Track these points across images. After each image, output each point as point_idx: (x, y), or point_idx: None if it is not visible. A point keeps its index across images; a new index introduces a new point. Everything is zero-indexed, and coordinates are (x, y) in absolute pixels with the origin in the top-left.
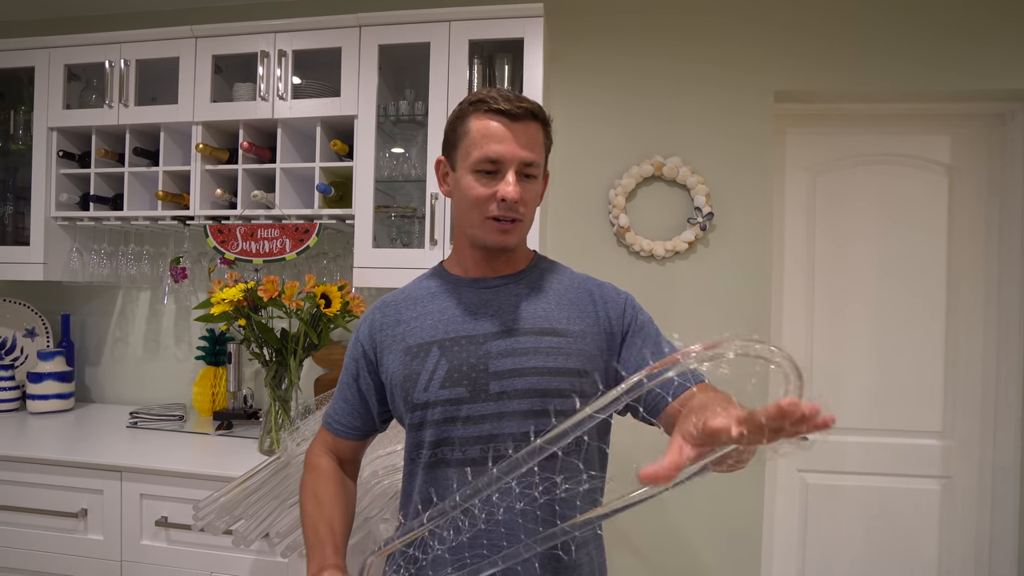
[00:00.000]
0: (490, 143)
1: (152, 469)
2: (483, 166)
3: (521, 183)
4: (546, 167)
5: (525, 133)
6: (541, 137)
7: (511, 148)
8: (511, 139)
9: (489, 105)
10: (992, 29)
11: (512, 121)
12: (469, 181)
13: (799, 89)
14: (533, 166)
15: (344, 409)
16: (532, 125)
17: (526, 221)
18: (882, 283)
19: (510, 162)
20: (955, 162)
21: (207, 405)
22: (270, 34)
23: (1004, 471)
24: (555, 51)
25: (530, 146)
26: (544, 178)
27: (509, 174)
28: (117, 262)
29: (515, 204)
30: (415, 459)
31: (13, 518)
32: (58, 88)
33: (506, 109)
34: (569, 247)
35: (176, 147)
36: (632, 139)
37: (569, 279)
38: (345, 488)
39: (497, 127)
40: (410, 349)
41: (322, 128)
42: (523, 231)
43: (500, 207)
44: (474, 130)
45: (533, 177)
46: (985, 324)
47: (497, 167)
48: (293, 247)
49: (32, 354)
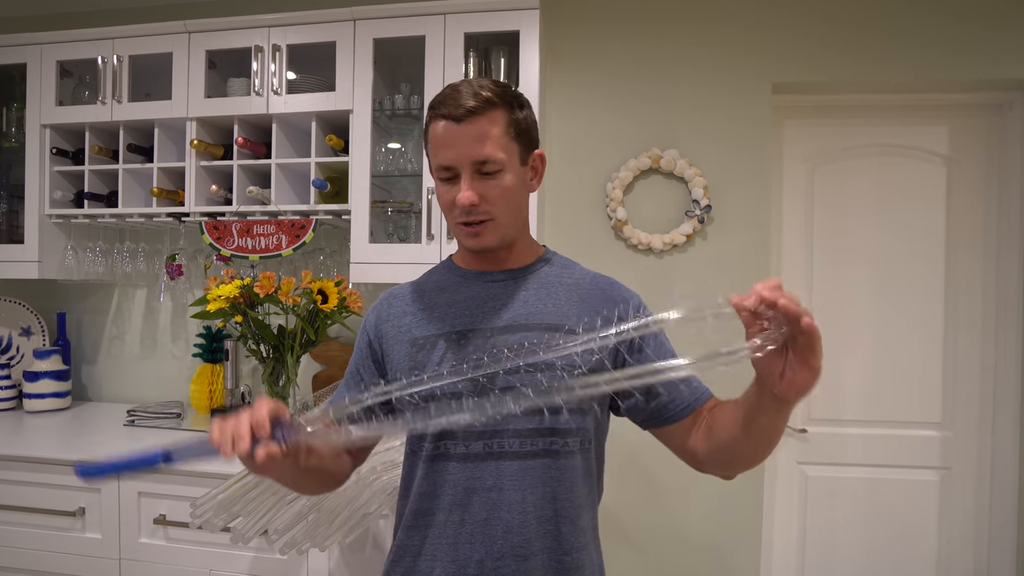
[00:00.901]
0: (440, 150)
1: None
2: (441, 174)
3: (481, 182)
4: (529, 151)
5: (473, 131)
6: (500, 125)
7: (458, 152)
8: (457, 142)
9: (437, 110)
10: (990, 18)
11: (457, 123)
12: (438, 188)
13: (797, 80)
14: (488, 163)
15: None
16: (481, 120)
17: (499, 219)
18: (880, 275)
19: (461, 166)
20: (953, 152)
21: (205, 402)
22: (264, 28)
23: (1003, 462)
24: (551, 43)
25: (480, 143)
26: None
27: (463, 179)
28: (112, 259)
29: (473, 208)
30: (416, 452)
31: (11, 517)
32: (51, 85)
33: (449, 112)
34: (567, 241)
35: (170, 143)
36: (629, 132)
37: (580, 276)
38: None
39: (444, 132)
40: (416, 341)
41: (317, 123)
42: (499, 229)
43: (460, 212)
44: (431, 137)
45: (493, 173)
46: (984, 314)
47: (452, 172)
48: (289, 243)
49: (28, 353)
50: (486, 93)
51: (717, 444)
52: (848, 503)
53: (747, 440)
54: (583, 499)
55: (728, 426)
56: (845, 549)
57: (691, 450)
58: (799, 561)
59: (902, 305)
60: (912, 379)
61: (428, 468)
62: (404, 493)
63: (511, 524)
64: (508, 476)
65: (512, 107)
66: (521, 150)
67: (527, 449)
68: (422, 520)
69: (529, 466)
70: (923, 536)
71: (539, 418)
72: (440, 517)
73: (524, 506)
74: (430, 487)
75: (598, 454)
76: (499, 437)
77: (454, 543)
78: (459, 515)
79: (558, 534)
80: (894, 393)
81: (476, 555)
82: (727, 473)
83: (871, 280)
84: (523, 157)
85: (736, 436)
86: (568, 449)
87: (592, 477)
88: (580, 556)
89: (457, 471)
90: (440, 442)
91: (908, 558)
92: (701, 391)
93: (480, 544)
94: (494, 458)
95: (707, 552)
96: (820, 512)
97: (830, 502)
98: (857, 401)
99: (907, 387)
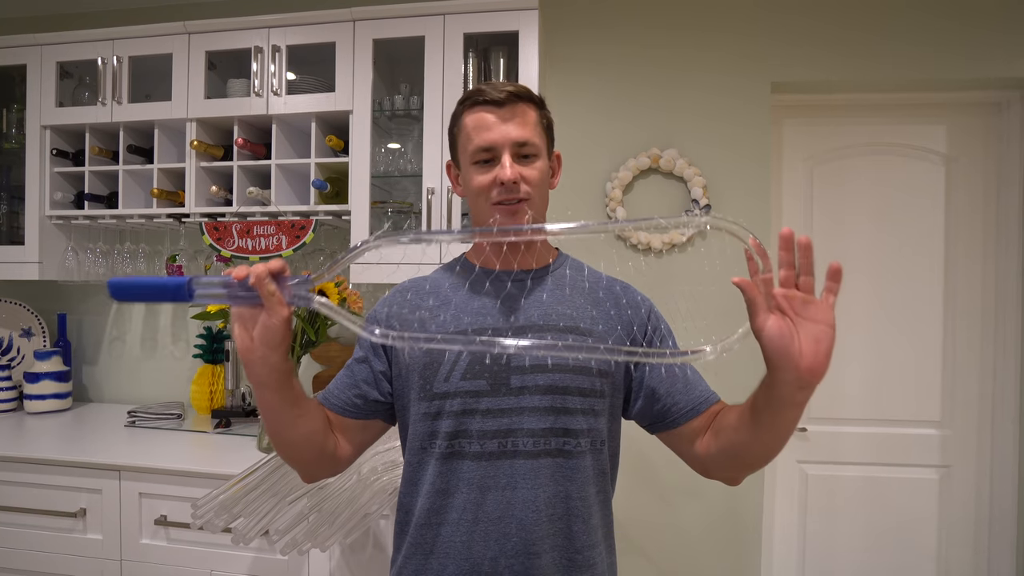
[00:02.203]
0: (481, 133)
1: (151, 468)
2: (480, 156)
3: (519, 164)
4: (552, 149)
5: (514, 115)
6: (534, 117)
7: (501, 132)
8: (500, 124)
9: (475, 99)
10: (988, 17)
11: (499, 107)
12: (471, 174)
13: (795, 80)
14: (527, 145)
15: (345, 383)
16: (520, 106)
17: (534, 200)
18: (880, 273)
19: (502, 146)
20: (952, 151)
21: (205, 403)
22: (263, 29)
23: (1002, 459)
24: (550, 43)
25: (521, 126)
26: (557, 160)
27: (504, 157)
28: (113, 260)
29: (514, 185)
30: (427, 448)
31: (12, 519)
32: (51, 86)
33: (491, 98)
34: (566, 241)
35: (170, 144)
36: (629, 131)
37: (594, 279)
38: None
39: (486, 116)
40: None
41: (317, 124)
42: (534, 212)
43: (500, 191)
44: (467, 125)
45: (531, 157)
46: (983, 313)
47: (492, 154)
48: (289, 244)
49: (29, 354)
50: (516, 88)
51: (725, 445)
52: (848, 502)
53: (757, 439)
54: (594, 498)
55: (738, 426)
56: (845, 548)
57: (698, 454)
58: (799, 560)
59: (901, 303)
60: (911, 377)
61: (442, 466)
62: (411, 490)
63: (524, 522)
64: (521, 475)
65: (539, 104)
66: (548, 144)
67: (540, 448)
68: (435, 518)
69: (542, 465)
70: (923, 534)
71: (552, 418)
72: (454, 515)
73: (537, 504)
74: (444, 485)
75: (611, 455)
76: (513, 436)
77: (468, 541)
78: (473, 513)
79: (569, 532)
80: (893, 392)
81: (490, 552)
82: (734, 476)
83: (870, 278)
84: (549, 151)
85: (746, 436)
86: (580, 449)
87: (605, 477)
88: (591, 554)
89: (472, 469)
90: (455, 440)
91: (908, 556)
92: (708, 394)
93: (494, 542)
94: (508, 457)
95: (707, 552)
96: (820, 511)
97: (830, 501)
98: (857, 400)
99: (906, 386)
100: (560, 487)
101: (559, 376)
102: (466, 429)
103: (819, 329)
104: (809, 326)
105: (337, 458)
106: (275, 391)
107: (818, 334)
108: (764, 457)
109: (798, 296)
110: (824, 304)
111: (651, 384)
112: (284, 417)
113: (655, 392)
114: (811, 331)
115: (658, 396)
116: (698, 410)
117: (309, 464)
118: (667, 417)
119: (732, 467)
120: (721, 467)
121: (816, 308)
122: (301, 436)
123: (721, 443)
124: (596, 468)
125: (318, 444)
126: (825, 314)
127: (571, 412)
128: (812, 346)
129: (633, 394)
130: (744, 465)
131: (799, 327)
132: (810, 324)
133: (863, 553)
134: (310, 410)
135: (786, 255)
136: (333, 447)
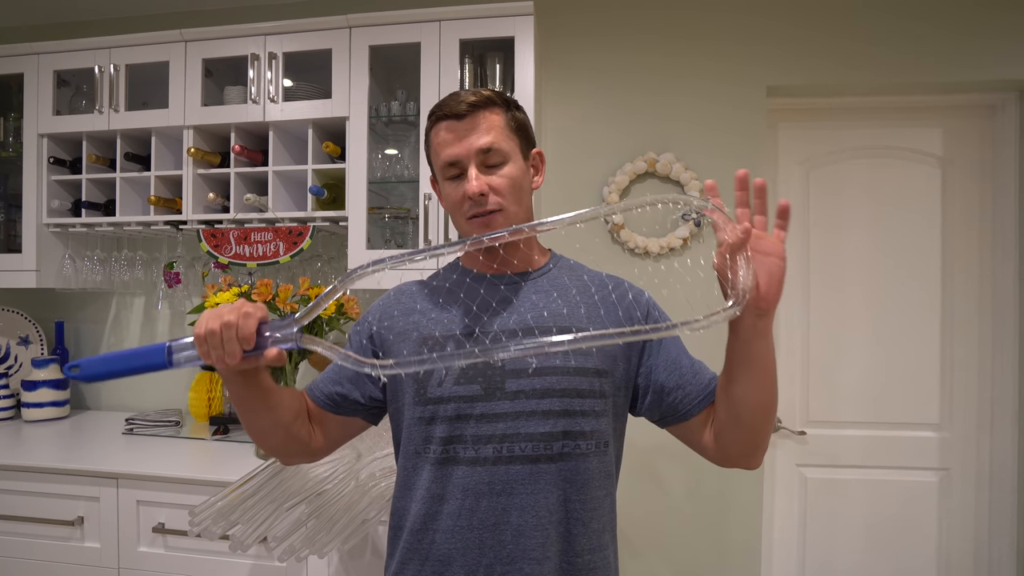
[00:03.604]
0: (445, 148)
1: (148, 475)
2: (449, 172)
3: (487, 173)
4: (528, 148)
5: (475, 125)
6: (499, 121)
7: (464, 146)
8: (463, 137)
9: (438, 113)
10: (981, 20)
11: (459, 120)
12: (445, 189)
13: (791, 83)
14: (492, 152)
15: (330, 378)
16: (482, 114)
17: (508, 208)
18: (877, 276)
19: (467, 158)
20: (947, 154)
21: (203, 410)
22: (260, 37)
23: (1001, 462)
24: (546, 49)
25: (484, 133)
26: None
27: (470, 170)
28: (110, 268)
29: (482, 197)
30: (421, 453)
31: (9, 527)
32: (48, 94)
33: (452, 111)
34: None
35: (168, 152)
36: (625, 136)
37: (589, 277)
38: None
39: (448, 132)
40: (425, 341)
41: (314, 130)
42: (509, 219)
43: (471, 205)
44: (433, 141)
45: (498, 164)
46: (981, 315)
47: (460, 168)
48: (287, 250)
49: (26, 362)
50: (485, 92)
51: (724, 412)
52: (847, 505)
53: (746, 386)
54: (597, 501)
55: (725, 384)
56: (845, 550)
57: (710, 439)
58: (799, 562)
59: (899, 306)
60: (910, 380)
61: (436, 471)
62: (405, 495)
63: (521, 528)
64: (519, 480)
65: (508, 106)
66: (522, 144)
67: (540, 453)
68: (430, 524)
69: (541, 470)
70: (922, 537)
71: (551, 421)
72: (448, 522)
73: (536, 510)
74: (439, 490)
75: (616, 455)
76: (509, 441)
77: (463, 548)
78: (467, 520)
79: (569, 536)
80: (892, 394)
81: (485, 560)
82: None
83: (867, 281)
84: (524, 152)
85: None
86: (582, 452)
87: (610, 479)
88: (593, 558)
89: (466, 475)
90: (449, 445)
91: (907, 559)
92: (712, 376)
93: (490, 549)
94: (504, 462)
95: (707, 553)
96: (819, 514)
97: (829, 504)
98: (855, 403)
99: (905, 388)
100: (560, 491)
101: (556, 379)
102: (461, 434)
103: (770, 261)
104: (761, 258)
105: (311, 449)
106: (242, 385)
107: (770, 265)
108: (762, 407)
109: (751, 231)
110: (775, 238)
111: (659, 380)
112: (250, 406)
113: (663, 387)
114: (763, 263)
115: (667, 390)
116: (709, 399)
117: (276, 450)
118: (680, 409)
119: (740, 436)
120: (732, 441)
121: (767, 242)
122: (268, 425)
123: (721, 413)
124: (601, 470)
125: (285, 433)
126: (776, 247)
127: (571, 415)
128: (765, 277)
129: (640, 391)
130: (749, 428)
131: (753, 260)
132: (762, 256)
133: (862, 556)
134: (281, 402)
135: (742, 195)
136: (307, 437)
